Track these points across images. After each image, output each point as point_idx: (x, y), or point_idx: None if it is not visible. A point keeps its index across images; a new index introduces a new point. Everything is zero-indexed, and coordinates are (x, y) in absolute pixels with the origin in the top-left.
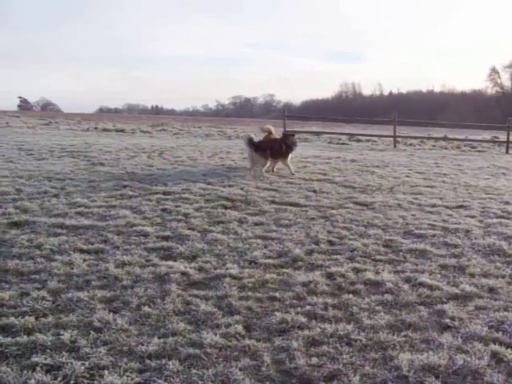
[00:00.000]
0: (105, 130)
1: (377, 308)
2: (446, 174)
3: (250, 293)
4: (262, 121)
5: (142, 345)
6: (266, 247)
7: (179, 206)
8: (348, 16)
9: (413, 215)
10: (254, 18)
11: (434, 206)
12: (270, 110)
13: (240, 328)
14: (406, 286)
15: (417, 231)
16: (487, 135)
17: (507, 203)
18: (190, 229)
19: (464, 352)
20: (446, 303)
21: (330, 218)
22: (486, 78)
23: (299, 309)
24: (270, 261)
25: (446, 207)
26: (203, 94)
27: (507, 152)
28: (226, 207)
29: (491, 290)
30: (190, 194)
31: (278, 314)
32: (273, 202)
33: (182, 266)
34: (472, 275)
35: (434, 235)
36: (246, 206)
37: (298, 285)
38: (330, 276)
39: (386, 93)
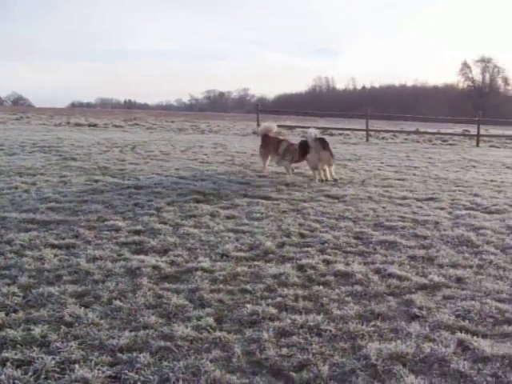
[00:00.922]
0: (77, 124)
1: (346, 299)
2: (416, 166)
3: (221, 285)
4: (236, 115)
5: (113, 338)
6: (237, 240)
7: (151, 201)
8: (322, 11)
9: (383, 207)
10: (229, 12)
11: (404, 198)
12: (244, 104)
13: (211, 320)
14: (375, 277)
15: (387, 223)
16: (458, 128)
17: (476, 195)
18: (161, 223)
19: (431, 340)
20: (414, 293)
21: (302, 211)
22: (458, 72)
23: (270, 300)
24: (242, 254)
25: (416, 199)
26: (177, 88)
27: (477, 145)
28: (198, 201)
29: (459, 279)
30: (163, 188)
31: (249, 305)
32: (245, 195)
33: (153, 259)
34: (440, 266)
35: (403, 227)
36: (219, 200)
37: (269, 277)
38: (300, 268)
39: (359, 87)
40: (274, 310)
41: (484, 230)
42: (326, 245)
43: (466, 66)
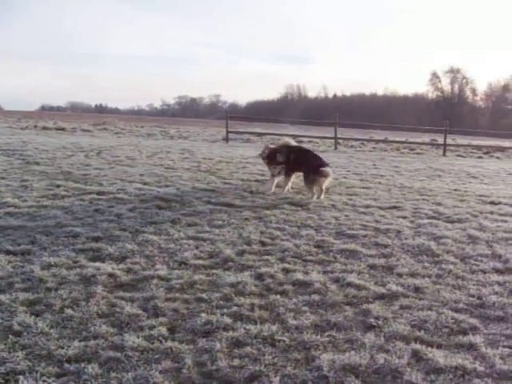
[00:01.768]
0: (44, 128)
1: (303, 308)
2: (382, 175)
3: (177, 294)
4: (208, 121)
5: (62, 348)
6: (197, 248)
7: (112, 207)
8: (294, 18)
9: (346, 216)
10: (201, 18)
11: (367, 206)
12: (216, 110)
13: (164, 330)
14: (333, 286)
15: (349, 231)
16: (427, 138)
17: (439, 204)
18: (121, 229)
19: (385, 351)
20: (371, 303)
21: (264, 219)
22: (428, 82)
23: (225, 310)
24: (201, 262)
25: (380, 208)
26: (149, 93)
27: (444, 154)
28: (160, 207)
29: (417, 289)
30: (125, 194)
31: (203, 315)
32: (208, 202)
33: (109, 267)
34: (399, 275)
35: (365, 235)
36: (181, 207)
37: (226, 286)
38: (259, 277)
39: (330, 95)
40: (228, 320)
41: (445, 239)
42: (287, 253)
43: (435, 76)
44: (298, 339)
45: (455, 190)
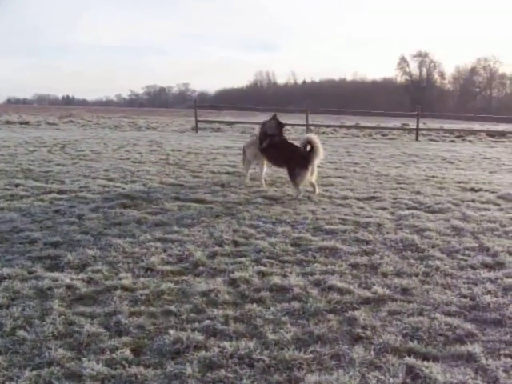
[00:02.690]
0: (7, 122)
1: (283, 319)
2: (357, 163)
3: (142, 307)
4: (177, 110)
5: (11, 380)
6: (165, 251)
7: (74, 207)
8: (261, 5)
9: (323, 209)
10: (167, 6)
11: (345, 198)
12: (185, 99)
13: (128, 352)
14: (314, 291)
15: (327, 227)
16: (398, 122)
17: (418, 193)
18: (82, 233)
19: (377, 368)
20: (357, 309)
21: (237, 215)
22: (396, 66)
23: (197, 324)
24: (169, 267)
25: (358, 199)
26: (117, 83)
27: (417, 139)
28: (125, 206)
29: (404, 290)
30: (88, 192)
31: (172, 331)
32: (177, 198)
33: (68, 277)
34: (384, 275)
35: (344, 231)
36: (147, 205)
37: (197, 295)
38: (233, 282)
39: (299, 81)
40: (200, 337)
41: (428, 232)
42: (262, 254)
43: (403, 60)
44: (279, 357)
45: (433, 176)
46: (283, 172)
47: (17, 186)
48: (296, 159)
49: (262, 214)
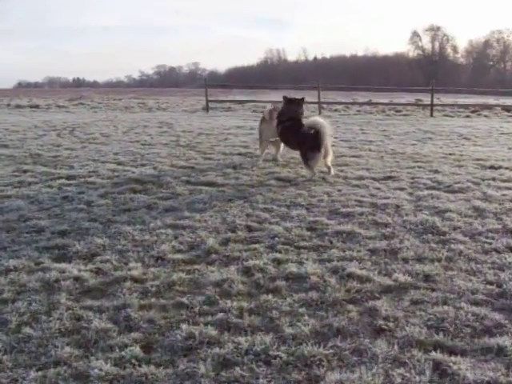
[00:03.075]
0: (18, 106)
1: (300, 310)
2: (371, 141)
3: (153, 300)
4: (188, 90)
5: (16, 381)
6: (176, 238)
7: (83, 193)
8: None
9: (339, 190)
10: None
11: (360, 178)
12: (195, 78)
13: (137, 350)
14: (332, 280)
15: (343, 209)
16: (411, 97)
17: (436, 172)
18: (91, 220)
19: (402, 364)
20: (378, 298)
21: (250, 199)
22: (408, 41)
23: (210, 317)
24: (180, 256)
25: (374, 179)
26: (127, 64)
27: (431, 115)
28: (135, 191)
29: (427, 277)
30: (97, 177)
31: (184, 326)
32: (188, 182)
33: (76, 268)
34: (405, 260)
35: (361, 213)
36: (158, 189)
37: (209, 285)
38: (247, 271)
39: (310, 58)
40: (213, 331)
41: (449, 214)
42: (277, 239)
43: (415, 34)
44: (297, 353)
45: (450, 154)
46: (296, 153)
47: (25, 172)
48: (307, 142)
49: (275, 196)
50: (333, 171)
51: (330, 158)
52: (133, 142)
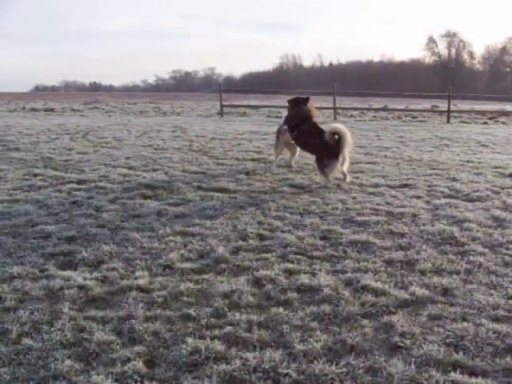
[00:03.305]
0: (33, 109)
1: (312, 325)
2: (387, 147)
3: (158, 311)
4: (203, 95)
5: None
6: (185, 246)
7: (92, 198)
8: None
9: (354, 198)
10: None
11: (376, 185)
12: (211, 83)
13: (140, 364)
14: (346, 292)
15: (358, 218)
16: (427, 104)
17: (454, 180)
18: (99, 226)
19: None
20: (394, 313)
21: (262, 206)
22: (424, 47)
23: (217, 331)
24: (188, 264)
25: (390, 187)
26: (143, 69)
27: (448, 121)
28: (145, 197)
29: (445, 291)
30: (108, 181)
31: (190, 340)
32: (199, 187)
33: (81, 276)
34: (422, 272)
35: (377, 222)
36: (168, 195)
37: (218, 296)
38: (257, 282)
39: (326, 64)
40: (220, 346)
41: (468, 224)
42: (289, 249)
43: (431, 40)
44: (308, 371)
45: (468, 161)
46: (311, 159)
47: (35, 175)
48: (324, 149)
49: (288, 204)
50: (348, 178)
51: (346, 165)
52: (145, 147)
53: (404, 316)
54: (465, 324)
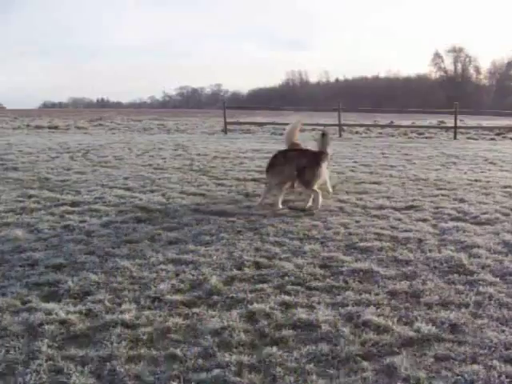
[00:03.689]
0: (37, 127)
1: (308, 367)
2: (393, 165)
3: (143, 350)
4: (209, 111)
5: None
6: (177, 276)
7: (85, 221)
8: (291, 2)
9: (357, 222)
10: (198, 6)
11: (380, 207)
12: (217, 99)
13: None
14: (346, 329)
15: (361, 244)
16: (433, 119)
17: (462, 201)
18: (88, 253)
19: None
20: (397, 353)
21: (260, 230)
22: (430, 62)
23: (204, 374)
24: (179, 296)
25: (395, 209)
26: (151, 85)
27: (455, 138)
28: (139, 220)
29: (453, 327)
30: (103, 203)
31: None
32: (196, 210)
33: (64, 310)
34: (428, 306)
35: (381, 248)
36: (164, 218)
37: (208, 334)
38: (251, 317)
39: (332, 80)
40: None
41: (477, 250)
42: (286, 278)
43: (437, 56)
44: None
45: (476, 180)
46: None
47: (30, 197)
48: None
49: (288, 228)
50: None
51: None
52: (145, 166)
53: (408, 357)
54: (475, 366)
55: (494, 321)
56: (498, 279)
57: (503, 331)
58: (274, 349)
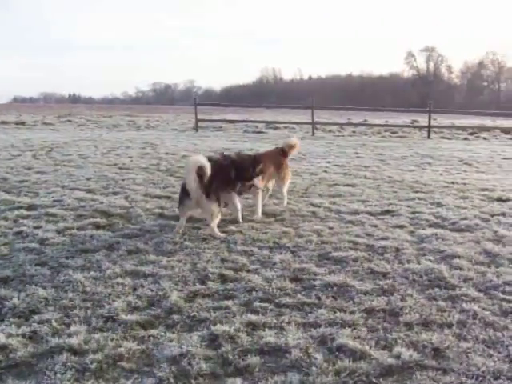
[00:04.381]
0: (3, 122)
1: None
2: (367, 166)
3: (90, 382)
4: (182, 107)
5: None
6: (134, 290)
7: (39, 228)
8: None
9: (330, 228)
10: (171, 2)
11: (355, 212)
12: (191, 96)
13: None
14: (319, 356)
15: (335, 253)
16: (406, 118)
17: (439, 205)
18: (40, 264)
19: None
20: None
21: (228, 238)
22: (403, 61)
23: None
24: (135, 316)
25: (370, 214)
26: (123, 81)
27: (429, 137)
28: (98, 226)
29: (436, 352)
30: (61, 207)
31: None
32: (160, 215)
33: (6, 333)
34: (409, 326)
35: (356, 259)
36: (124, 224)
37: (164, 362)
38: (213, 340)
39: (305, 77)
40: None
41: (457, 260)
42: (254, 294)
43: (410, 54)
44: None
45: (452, 182)
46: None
47: None
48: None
49: (257, 236)
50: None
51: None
52: (110, 166)
53: None
54: None
55: (480, 343)
56: (481, 294)
57: (491, 356)
58: (238, 380)
